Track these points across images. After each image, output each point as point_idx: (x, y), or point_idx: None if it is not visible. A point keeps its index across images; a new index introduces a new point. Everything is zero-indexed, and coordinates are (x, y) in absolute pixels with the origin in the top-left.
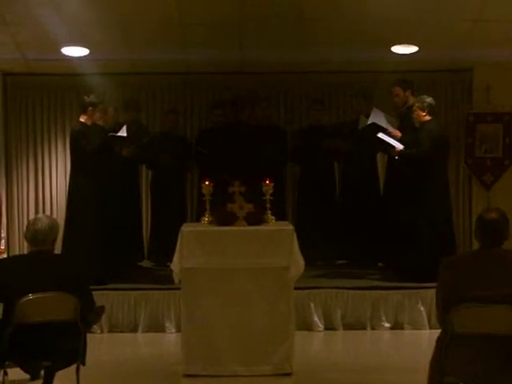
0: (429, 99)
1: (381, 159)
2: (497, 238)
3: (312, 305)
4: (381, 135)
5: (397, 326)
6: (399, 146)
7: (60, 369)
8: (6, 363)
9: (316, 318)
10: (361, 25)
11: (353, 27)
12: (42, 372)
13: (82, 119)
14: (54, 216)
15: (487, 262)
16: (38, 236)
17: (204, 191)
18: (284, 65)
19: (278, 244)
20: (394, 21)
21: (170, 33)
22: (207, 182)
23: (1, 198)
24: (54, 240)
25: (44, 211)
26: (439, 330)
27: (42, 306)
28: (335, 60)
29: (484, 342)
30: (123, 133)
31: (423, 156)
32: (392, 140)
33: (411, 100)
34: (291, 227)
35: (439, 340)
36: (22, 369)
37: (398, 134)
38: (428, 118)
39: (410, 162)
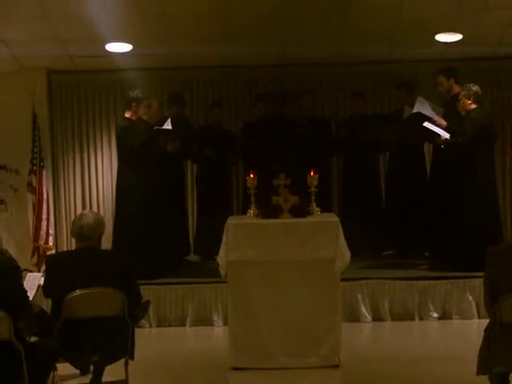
0: (475, 87)
1: (427, 149)
2: None
3: (359, 296)
4: (426, 124)
5: (445, 316)
6: (445, 135)
7: (109, 363)
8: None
9: (363, 309)
10: (403, 14)
11: (395, 17)
12: (92, 367)
13: (126, 115)
14: (101, 212)
15: None
16: (84, 232)
17: (249, 184)
18: (326, 57)
19: (323, 236)
20: (436, 9)
21: (212, 26)
22: (252, 175)
23: (48, 194)
24: (101, 235)
25: (91, 207)
26: (488, 320)
27: (90, 301)
28: (378, 51)
29: None
30: (168, 126)
31: (468, 144)
32: (438, 129)
33: (455, 88)
34: (336, 219)
35: (487, 329)
36: (72, 364)
37: (444, 122)
38: (474, 106)
39: (456, 151)
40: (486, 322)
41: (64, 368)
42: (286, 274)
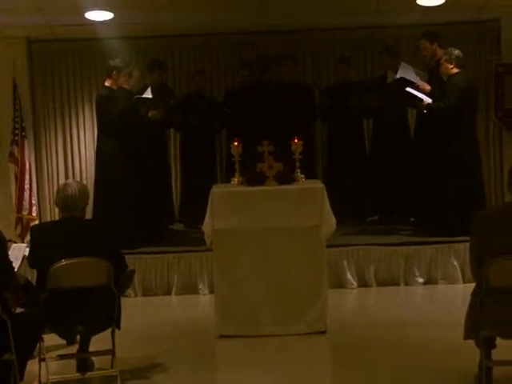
0: (456, 51)
1: (410, 114)
2: None
3: (345, 262)
4: (409, 89)
5: (430, 280)
6: (427, 100)
7: (95, 333)
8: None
9: (349, 276)
10: None
11: None
12: (78, 337)
13: (107, 83)
14: (84, 181)
15: None
16: (68, 202)
17: (233, 152)
18: (309, 23)
19: (308, 203)
20: None
21: None
22: (236, 143)
23: (30, 165)
24: (85, 206)
25: (73, 177)
26: (473, 284)
27: (75, 271)
28: (361, 16)
29: None
30: (148, 94)
31: (451, 109)
32: (420, 94)
33: (439, 53)
34: (322, 185)
35: (474, 294)
36: (58, 334)
37: (427, 87)
38: (456, 70)
39: (438, 115)
40: (471, 286)
41: (50, 338)
42: (271, 241)
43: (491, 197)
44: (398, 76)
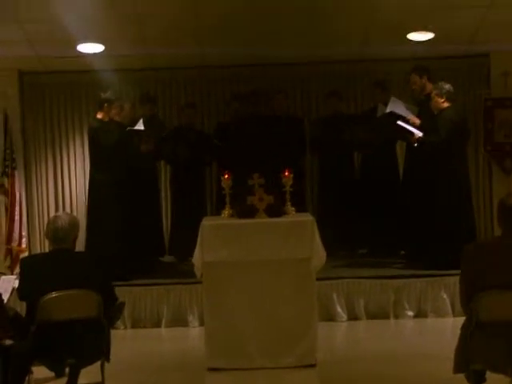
0: (447, 86)
1: (400, 148)
2: None
3: (334, 295)
4: (400, 122)
5: (420, 314)
6: (418, 133)
7: (85, 366)
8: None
9: (339, 309)
10: (376, 13)
11: (368, 16)
12: (67, 370)
13: (98, 116)
14: (75, 213)
15: (511, 248)
16: (58, 234)
17: (223, 185)
18: (299, 56)
19: (299, 235)
20: (409, 8)
21: (184, 27)
22: (226, 176)
23: (21, 196)
24: (75, 238)
25: (64, 208)
26: (463, 318)
27: (65, 303)
28: (351, 50)
29: (509, 329)
30: (140, 126)
31: (442, 143)
32: (411, 127)
33: (429, 86)
34: (312, 218)
35: (464, 328)
36: (47, 367)
37: (417, 121)
38: (446, 104)
39: (429, 149)
40: (460, 319)
41: (39, 371)
42: (261, 274)
43: (480, 229)
44: (387, 110)
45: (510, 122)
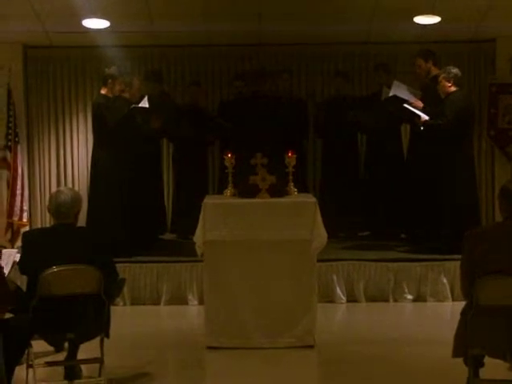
0: (455, 70)
1: (404, 131)
2: None
3: (335, 277)
4: (407, 105)
5: (419, 298)
6: (425, 117)
7: (84, 341)
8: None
9: (339, 290)
10: None
11: None
12: (67, 344)
13: (103, 91)
14: (76, 188)
15: None
16: (61, 209)
17: (226, 163)
18: (305, 36)
19: (300, 216)
20: None
21: (190, 4)
22: (229, 155)
23: (23, 170)
24: (77, 213)
25: (66, 184)
26: (462, 302)
27: (66, 278)
28: (357, 31)
29: (509, 314)
30: (145, 104)
31: (448, 126)
32: (418, 111)
33: (433, 71)
34: (314, 199)
35: (464, 312)
36: (47, 341)
37: (420, 104)
38: (454, 88)
39: (435, 133)
40: (460, 304)
41: (39, 345)
42: (262, 253)
43: (482, 215)
44: (390, 94)
45: None
